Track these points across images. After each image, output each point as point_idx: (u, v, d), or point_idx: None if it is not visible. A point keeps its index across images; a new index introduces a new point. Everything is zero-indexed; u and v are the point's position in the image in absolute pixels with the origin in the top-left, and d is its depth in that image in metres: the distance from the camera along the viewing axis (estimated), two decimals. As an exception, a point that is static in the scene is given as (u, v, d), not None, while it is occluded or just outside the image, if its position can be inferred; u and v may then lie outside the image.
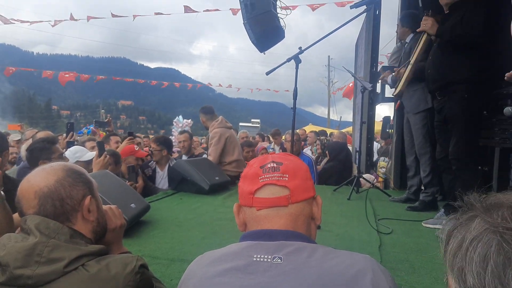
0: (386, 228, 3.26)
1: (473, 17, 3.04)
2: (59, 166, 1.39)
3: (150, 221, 3.25)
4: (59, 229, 1.26)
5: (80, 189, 1.36)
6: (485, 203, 0.69)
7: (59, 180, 1.33)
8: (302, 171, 1.12)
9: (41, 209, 1.29)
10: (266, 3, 4.68)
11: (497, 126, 4.00)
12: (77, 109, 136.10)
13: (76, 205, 1.34)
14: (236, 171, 5.46)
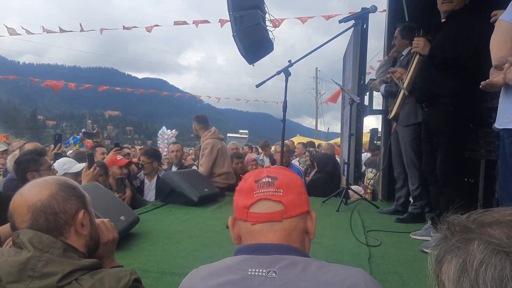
0: (375, 240, 3.28)
1: (466, 37, 3.04)
2: (53, 180, 1.39)
3: (140, 234, 3.23)
4: (52, 243, 1.25)
5: (73, 203, 1.36)
6: (479, 223, 0.67)
7: (52, 194, 1.33)
8: (296, 186, 1.13)
9: (34, 223, 1.28)
10: (255, 16, 4.74)
11: (482, 139, 4.08)
12: (63, 119, 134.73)
13: (69, 219, 1.33)
14: (225, 183, 5.45)
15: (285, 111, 3.69)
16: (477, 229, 0.65)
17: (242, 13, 4.76)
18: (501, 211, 0.68)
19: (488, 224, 0.65)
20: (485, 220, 0.67)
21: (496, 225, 0.64)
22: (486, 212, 0.69)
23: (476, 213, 0.70)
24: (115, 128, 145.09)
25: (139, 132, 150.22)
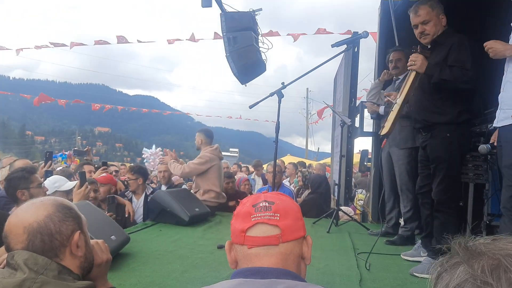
0: (366, 263, 3.29)
1: (461, 59, 3.04)
2: (49, 201, 1.39)
3: (130, 253, 3.20)
4: (47, 265, 1.25)
5: (69, 224, 1.36)
6: (468, 250, 0.72)
7: (49, 215, 1.33)
8: (293, 211, 1.15)
9: (29, 244, 1.28)
10: (249, 37, 4.81)
11: (471, 163, 4.15)
12: (52, 135, 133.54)
13: (65, 241, 1.33)
14: (216, 202, 5.46)
15: (278, 132, 3.72)
16: (465, 256, 0.71)
17: (236, 34, 4.83)
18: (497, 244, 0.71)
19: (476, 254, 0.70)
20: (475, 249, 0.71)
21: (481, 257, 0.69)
22: (480, 241, 0.73)
23: (475, 240, 0.74)
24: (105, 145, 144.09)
25: (128, 149, 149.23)
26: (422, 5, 3.23)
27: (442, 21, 3.23)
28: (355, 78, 5.94)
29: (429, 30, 3.21)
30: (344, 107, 6.41)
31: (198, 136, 5.75)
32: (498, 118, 2.67)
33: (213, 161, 5.49)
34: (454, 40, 3.13)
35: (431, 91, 3.21)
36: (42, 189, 3.12)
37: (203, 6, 4.79)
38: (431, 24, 3.20)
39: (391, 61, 4.52)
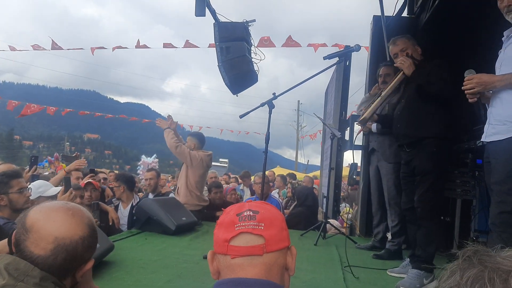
0: (352, 276, 3.26)
1: (441, 73, 3.22)
2: (87, 219, 1.33)
3: (114, 262, 3.14)
4: (28, 271, 1.19)
5: (91, 252, 1.32)
6: (470, 259, 0.73)
7: (83, 238, 1.27)
8: (278, 220, 1.12)
9: (52, 256, 1.22)
10: (241, 47, 4.82)
11: (459, 179, 4.17)
12: (40, 140, 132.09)
13: (79, 266, 1.29)
14: (198, 205, 5.55)
15: (268, 143, 3.71)
16: (466, 264, 0.72)
17: (229, 44, 4.83)
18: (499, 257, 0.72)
19: (475, 264, 0.71)
20: (480, 259, 0.72)
21: (478, 267, 0.70)
22: (491, 253, 0.74)
23: (481, 252, 0.75)
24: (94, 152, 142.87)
25: (117, 156, 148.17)
26: (399, 38, 3.63)
27: (417, 51, 3.54)
28: (346, 91, 5.97)
29: None
30: (334, 120, 6.42)
31: (190, 140, 5.73)
32: (487, 133, 2.69)
33: (203, 167, 5.54)
34: (434, 62, 3.36)
35: (419, 107, 3.34)
36: (24, 194, 3.04)
37: (196, 15, 4.80)
38: (409, 51, 3.50)
39: (380, 76, 4.59)
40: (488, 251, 0.73)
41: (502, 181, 2.51)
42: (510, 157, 2.49)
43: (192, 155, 5.44)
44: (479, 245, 0.75)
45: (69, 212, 1.30)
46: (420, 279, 3.12)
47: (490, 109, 2.70)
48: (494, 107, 2.65)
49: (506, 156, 2.52)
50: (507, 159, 2.51)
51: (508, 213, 2.46)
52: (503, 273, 0.67)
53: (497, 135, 2.59)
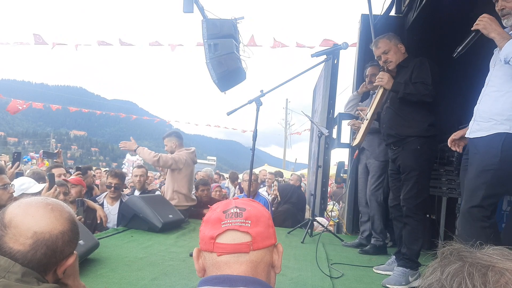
0: (339, 273, 3.28)
1: (422, 76, 3.29)
2: (67, 214, 1.31)
3: (99, 259, 3.11)
4: (9, 267, 1.17)
5: (72, 246, 1.30)
6: (451, 256, 0.74)
7: (63, 232, 1.26)
8: (264, 218, 1.11)
9: (31, 251, 1.20)
10: (230, 44, 4.80)
11: (444, 177, 4.21)
12: (25, 136, 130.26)
13: (59, 260, 1.27)
14: (186, 205, 5.47)
15: (255, 140, 3.69)
16: (447, 261, 0.74)
17: (217, 41, 4.81)
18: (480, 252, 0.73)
19: (455, 261, 0.72)
20: (461, 256, 0.73)
21: (458, 263, 0.71)
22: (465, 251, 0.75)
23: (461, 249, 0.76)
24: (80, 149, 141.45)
25: (104, 153, 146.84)
26: (380, 39, 3.63)
27: (401, 49, 3.56)
28: (334, 89, 5.97)
29: (391, 57, 3.54)
30: (322, 118, 6.43)
31: (170, 141, 5.61)
32: (471, 129, 2.71)
33: (189, 165, 5.47)
34: (416, 61, 3.41)
35: (401, 108, 3.43)
36: (8, 191, 2.99)
37: (184, 12, 4.76)
38: (391, 52, 3.54)
39: (366, 76, 4.68)
40: (467, 249, 0.74)
41: (477, 175, 2.54)
42: (488, 152, 2.52)
43: (176, 159, 5.35)
44: (458, 244, 0.76)
45: (48, 207, 1.28)
46: (406, 277, 3.14)
47: (477, 105, 2.72)
48: (481, 104, 2.67)
49: (485, 150, 2.55)
50: (484, 154, 2.54)
51: (476, 207, 2.48)
52: (482, 267, 0.68)
53: (480, 132, 2.61)
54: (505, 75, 2.57)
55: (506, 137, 2.48)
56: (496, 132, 2.52)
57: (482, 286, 0.65)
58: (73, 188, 4.31)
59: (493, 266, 0.68)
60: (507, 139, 2.48)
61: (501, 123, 2.51)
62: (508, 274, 0.66)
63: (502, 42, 2.48)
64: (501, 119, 2.52)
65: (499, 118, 2.53)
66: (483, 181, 2.50)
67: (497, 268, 0.67)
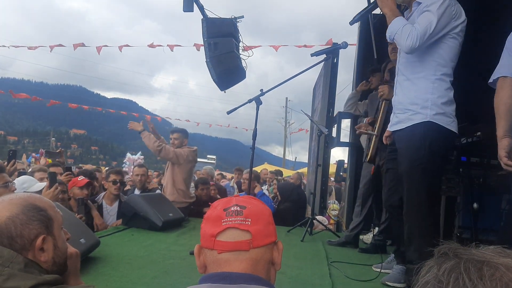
0: (338, 272, 3.29)
1: None
2: (18, 200, 1.33)
3: (100, 258, 3.12)
4: (13, 257, 1.21)
5: (33, 228, 1.30)
6: (447, 254, 0.76)
7: (11, 217, 1.27)
8: (265, 216, 1.13)
9: None
10: (229, 43, 4.81)
11: (443, 175, 4.22)
12: (25, 135, 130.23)
13: (26, 245, 1.28)
14: (185, 202, 5.53)
15: (255, 139, 3.72)
16: (443, 259, 0.75)
17: (217, 40, 4.81)
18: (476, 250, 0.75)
19: (451, 258, 0.74)
20: (457, 253, 0.75)
21: (454, 260, 0.73)
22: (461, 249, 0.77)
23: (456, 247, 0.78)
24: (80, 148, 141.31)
25: (104, 152, 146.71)
26: None
27: None
28: (333, 88, 6.00)
29: None
30: (321, 117, 6.45)
31: (174, 137, 5.68)
32: (392, 122, 2.72)
33: (190, 162, 5.55)
34: None
35: None
36: (9, 189, 3.01)
37: (184, 11, 4.77)
38: None
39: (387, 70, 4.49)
40: (462, 247, 0.76)
41: (408, 171, 2.53)
42: (410, 145, 2.50)
43: (178, 153, 5.42)
44: (454, 243, 0.78)
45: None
46: (405, 275, 3.16)
47: (394, 97, 2.71)
48: (397, 95, 2.66)
49: (407, 144, 2.53)
50: (407, 147, 2.53)
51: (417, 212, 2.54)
52: (478, 262, 0.70)
53: (400, 124, 2.60)
54: (409, 62, 2.56)
55: (425, 126, 2.45)
56: (414, 123, 2.49)
57: (478, 279, 0.67)
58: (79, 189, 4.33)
59: (488, 261, 0.70)
60: (426, 129, 2.45)
61: (416, 112, 2.48)
62: (502, 268, 0.68)
63: (390, 19, 2.49)
64: (415, 108, 2.49)
65: (414, 107, 2.50)
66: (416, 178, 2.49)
67: (492, 263, 0.70)
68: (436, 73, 2.49)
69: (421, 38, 2.33)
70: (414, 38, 2.33)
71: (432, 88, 2.47)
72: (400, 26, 2.39)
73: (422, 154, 2.44)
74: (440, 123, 2.46)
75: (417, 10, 2.52)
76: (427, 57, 2.47)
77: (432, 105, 2.45)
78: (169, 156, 5.40)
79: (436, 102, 2.46)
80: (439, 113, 2.46)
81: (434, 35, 2.39)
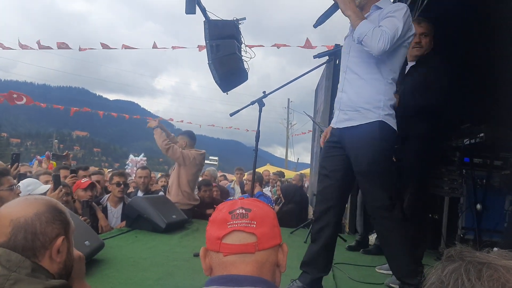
0: (342, 273, 3.30)
1: (437, 84, 3.21)
2: (43, 200, 1.37)
3: (104, 260, 3.13)
4: (20, 262, 1.23)
5: (55, 227, 1.34)
6: (452, 258, 0.78)
7: (38, 214, 1.31)
8: (270, 218, 1.14)
9: (12, 238, 1.26)
10: (232, 45, 4.81)
11: (446, 176, 4.22)
12: (28, 137, 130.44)
13: (47, 243, 1.31)
14: (189, 204, 5.55)
15: (258, 141, 3.72)
16: (448, 262, 0.77)
17: (219, 42, 4.82)
18: (480, 253, 0.77)
19: (455, 260, 0.76)
20: (461, 256, 0.77)
21: (457, 262, 0.75)
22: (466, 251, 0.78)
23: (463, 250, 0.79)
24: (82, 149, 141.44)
25: (106, 154, 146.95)
26: (425, 20, 3.42)
27: (432, 42, 3.41)
28: (335, 90, 5.98)
29: (424, 43, 3.38)
30: (324, 118, 6.45)
31: (181, 139, 5.74)
32: (338, 119, 2.70)
33: (195, 165, 5.56)
34: (435, 62, 3.30)
35: (403, 105, 3.26)
36: (14, 192, 3.03)
37: (186, 13, 4.78)
38: (428, 38, 3.37)
39: None
40: (469, 249, 0.78)
41: (365, 172, 2.55)
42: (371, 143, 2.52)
43: (184, 155, 5.45)
44: (463, 246, 0.79)
45: (22, 198, 1.38)
46: None
47: (340, 94, 2.72)
48: (346, 93, 2.67)
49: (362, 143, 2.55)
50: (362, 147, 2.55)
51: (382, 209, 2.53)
52: (479, 264, 0.72)
53: (350, 121, 2.60)
54: (364, 62, 2.59)
55: (379, 125, 2.51)
56: (369, 121, 2.53)
57: (476, 280, 0.69)
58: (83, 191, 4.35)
59: (489, 263, 0.72)
60: (381, 127, 2.51)
61: (370, 111, 2.53)
62: (501, 269, 0.70)
63: (356, 21, 2.51)
64: (369, 107, 2.54)
65: (368, 106, 2.54)
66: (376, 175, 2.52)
67: (493, 265, 0.71)
68: (388, 77, 2.58)
69: (391, 41, 2.40)
70: (386, 41, 2.39)
71: (384, 90, 2.56)
72: (370, 28, 2.44)
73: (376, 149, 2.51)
74: (389, 123, 2.56)
75: (378, 14, 2.57)
76: (384, 60, 2.55)
77: (384, 106, 2.54)
78: (176, 156, 5.44)
79: (387, 104, 2.56)
80: (389, 114, 2.57)
81: (398, 40, 2.47)
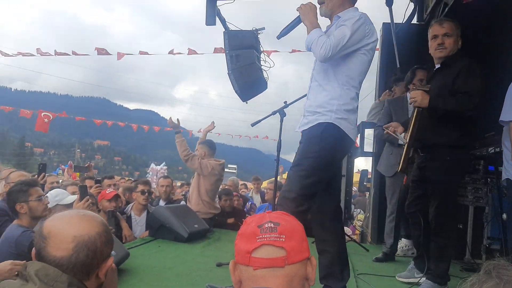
0: (366, 284, 3.27)
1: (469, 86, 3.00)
2: (100, 219, 1.41)
3: (128, 269, 3.18)
4: (58, 277, 1.25)
5: (109, 248, 1.38)
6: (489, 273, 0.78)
7: (99, 233, 1.35)
8: (298, 232, 1.15)
9: (75, 254, 1.28)
10: (251, 55, 4.86)
11: (470, 185, 4.16)
12: (51, 147, 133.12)
13: (100, 262, 1.35)
14: (209, 213, 5.56)
15: (279, 151, 3.74)
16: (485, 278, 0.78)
17: (238, 52, 4.87)
18: None
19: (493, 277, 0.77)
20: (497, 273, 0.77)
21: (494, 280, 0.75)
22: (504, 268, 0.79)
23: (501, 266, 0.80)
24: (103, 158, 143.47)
25: (127, 163, 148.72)
26: (448, 20, 3.25)
27: (459, 43, 3.20)
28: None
29: (448, 44, 3.15)
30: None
31: (201, 148, 5.76)
32: (301, 124, 2.84)
33: (214, 175, 5.57)
34: (463, 64, 3.08)
35: (431, 113, 3.12)
36: (42, 202, 3.11)
37: (207, 24, 4.86)
38: (452, 39, 3.15)
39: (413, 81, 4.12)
40: (508, 265, 0.77)
41: (297, 162, 2.65)
42: (309, 141, 2.66)
43: (203, 165, 5.47)
44: (502, 260, 0.79)
45: (80, 214, 1.40)
46: None
47: (306, 101, 2.85)
48: (308, 99, 2.82)
49: (306, 139, 2.69)
50: (305, 143, 2.69)
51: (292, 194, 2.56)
52: None
53: (308, 125, 2.73)
54: (322, 70, 2.73)
55: (326, 126, 2.61)
56: (319, 122, 2.64)
57: None
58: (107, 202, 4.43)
59: None
60: (326, 128, 2.60)
61: (323, 114, 2.64)
62: None
63: (309, 30, 2.66)
64: (323, 111, 2.64)
65: (321, 110, 2.66)
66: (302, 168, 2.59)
67: None
68: (345, 83, 2.67)
69: (334, 49, 2.52)
70: (327, 48, 2.52)
71: (339, 95, 2.65)
72: (316, 36, 2.60)
73: (314, 147, 2.61)
74: (340, 126, 2.62)
75: (336, 24, 2.71)
76: (339, 67, 2.66)
77: (336, 110, 2.62)
78: (195, 166, 5.48)
79: (341, 108, 2.63)
80: (343, 118, 2.63)
81: (347, 47, 2.57)
